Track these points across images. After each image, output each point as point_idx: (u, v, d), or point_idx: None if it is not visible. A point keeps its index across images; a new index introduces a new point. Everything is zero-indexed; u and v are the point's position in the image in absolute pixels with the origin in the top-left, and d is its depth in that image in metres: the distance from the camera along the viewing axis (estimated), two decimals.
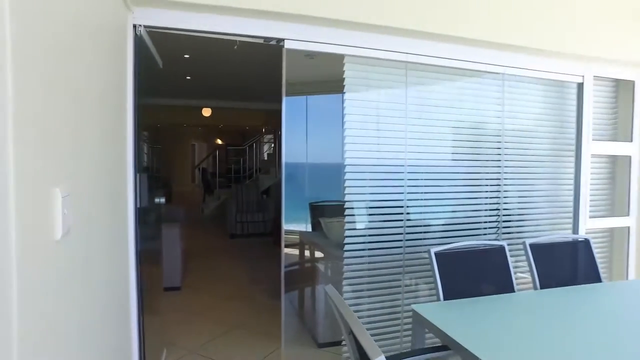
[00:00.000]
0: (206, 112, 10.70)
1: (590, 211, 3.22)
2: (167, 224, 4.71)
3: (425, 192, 2.75)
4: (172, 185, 11.66)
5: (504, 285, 2.20)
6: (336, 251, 3.29)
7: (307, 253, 3.92)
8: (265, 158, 12.98)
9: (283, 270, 2.76)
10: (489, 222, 2.95)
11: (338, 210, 3.97)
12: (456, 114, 2.82)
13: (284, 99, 2.46)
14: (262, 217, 7.47)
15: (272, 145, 12.49)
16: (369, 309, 2.71)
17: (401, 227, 2.70)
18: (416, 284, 2.78)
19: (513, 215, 2.99)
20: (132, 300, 2.21)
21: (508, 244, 2.33)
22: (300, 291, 3.84)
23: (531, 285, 2.34)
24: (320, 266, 3.71)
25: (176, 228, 4.33)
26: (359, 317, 2.38)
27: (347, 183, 2.61)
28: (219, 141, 16.94)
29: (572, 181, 3.19)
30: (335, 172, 4.70)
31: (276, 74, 2.52)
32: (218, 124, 13.50)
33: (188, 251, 5.48)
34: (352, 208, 2.65)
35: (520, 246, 2.50)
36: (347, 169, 2.61)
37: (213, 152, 12.85)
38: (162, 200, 2.83)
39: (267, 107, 9.42)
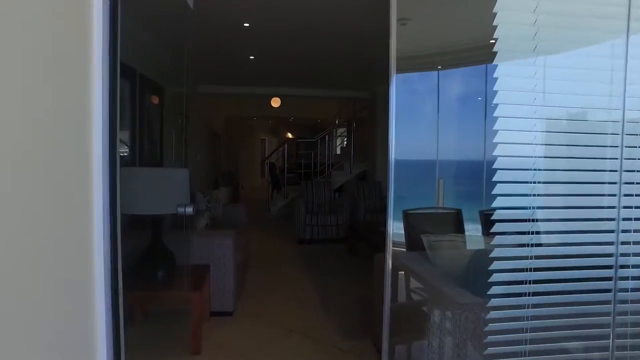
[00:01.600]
0: (275, 102, 9.88)
1: None
2: (219, 231, 3.84)
3: None
4: (239, 181, 11.02)
5: None
6: (455, 292, 2.13)
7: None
8: (338, 152, 11.97)
9: (387, 315, 1.76)
10: None
11: (449, 222, 2.76)
12: None
13: (394, 71, 1.58)
14: (335, 220, 6.40)
15: (346, 138, 11.44)
16: None
17: (611, 256, 1.45)
18: None
19: None
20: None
21: None
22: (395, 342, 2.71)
23: None
24: (426, 309, 2.55)
25: (229, 238, 3.39)
26: None
27: (498, 189, 1.44)
28: (289, 135, 16.29)
29: None
30: (431, 172, 3.54)
31: (351, 51, 1.51)
32: (288, 116, 12.73)
33: (247, 262, 4.58)
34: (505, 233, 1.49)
35: None
36: (498, 163, 1.44)
37: (282, 146, 12.05)
38: (190, 210, 1.84)
39: (340, 94, 8.39)
